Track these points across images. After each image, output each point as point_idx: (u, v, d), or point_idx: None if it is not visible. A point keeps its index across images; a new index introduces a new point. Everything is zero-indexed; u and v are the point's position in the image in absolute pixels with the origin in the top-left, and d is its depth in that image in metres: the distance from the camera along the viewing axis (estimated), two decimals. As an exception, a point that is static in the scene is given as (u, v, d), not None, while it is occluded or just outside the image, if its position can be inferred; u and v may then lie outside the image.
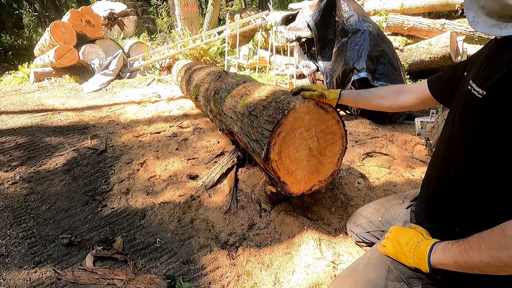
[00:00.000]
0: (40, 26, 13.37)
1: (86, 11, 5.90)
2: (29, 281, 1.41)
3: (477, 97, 0.69)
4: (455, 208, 0.82)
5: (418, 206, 1.05)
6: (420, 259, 0.80)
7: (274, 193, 1.65)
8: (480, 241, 0.65)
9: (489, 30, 0.65)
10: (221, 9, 11.09)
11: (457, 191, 0.80)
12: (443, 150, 0.89)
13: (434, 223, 0.91)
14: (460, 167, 0.79)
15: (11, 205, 2.00)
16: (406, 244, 0.86)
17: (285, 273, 1.39)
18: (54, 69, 5.93)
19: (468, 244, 0.68)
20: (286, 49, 5.07)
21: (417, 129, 2.45)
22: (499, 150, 0.65)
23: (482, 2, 0.67)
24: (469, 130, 0.73)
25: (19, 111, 3.98)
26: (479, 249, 0.64)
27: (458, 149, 0.80)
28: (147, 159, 2.44)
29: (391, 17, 4.85)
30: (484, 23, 0.67)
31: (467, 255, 0.67)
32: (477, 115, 0.70)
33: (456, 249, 0.71)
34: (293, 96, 1.38)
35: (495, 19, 0.65)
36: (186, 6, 7.21)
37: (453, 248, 0.72)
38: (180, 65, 4.12)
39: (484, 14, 0.67)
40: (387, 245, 0.93)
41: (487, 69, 0.70)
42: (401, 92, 1.20)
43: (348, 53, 3.16)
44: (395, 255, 0.89)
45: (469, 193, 0.78)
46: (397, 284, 0.88)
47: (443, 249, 0.76)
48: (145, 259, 1.53)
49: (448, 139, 0.86)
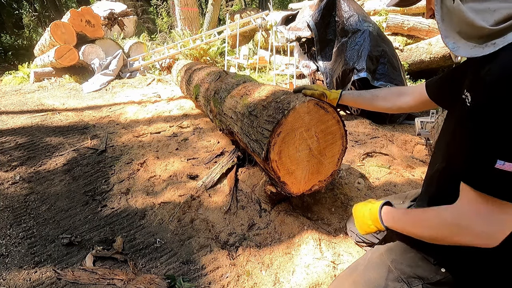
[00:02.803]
0: (40, 26, 13.37)
1: (86, 11, 5.90)
2: (29, 281, 1.41)
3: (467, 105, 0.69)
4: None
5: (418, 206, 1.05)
6: (376, 222, 0.94)
7: (274, 193, 1.65)
8: (423, 220, 0.79)
9: (472, 53, 0.66)
10: (221, 9, 11.08)
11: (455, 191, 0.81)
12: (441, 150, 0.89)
13: None
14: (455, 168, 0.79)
15: (11, 205, 2.00)
16: (362, 215, 1.00)
17: (285, 273, 1.39)
18: (54, 69, 5.93)
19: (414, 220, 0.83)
20: (286, 49, 5.07)
21: (417, 129, 2.45)
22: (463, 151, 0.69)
23: (457, 28, 0.68)
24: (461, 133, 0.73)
25: (19, 111, 3.98)
26: (422, 227, 0.79)
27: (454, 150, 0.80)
28: (147, 159, 2.44)
29: (391, 17, 4.85)
30: (464, 47, 0.67)
31: (413, 229, 0.82)
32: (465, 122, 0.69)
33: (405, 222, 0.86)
34: (294, 94, 1.38)
35: (474, 42, 0.66)
36: (186, 6, 7.21)
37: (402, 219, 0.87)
38: (180, 65, 4.12)
39: (462, 38, 0.68)
40: (355, 224, 1.05)
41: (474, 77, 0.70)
42: (401, 94, 1.20)
43: (348, 53, 3.16)
44: (363, 229, 1.01)
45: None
46: (397, 284, 0.88)
47: (394, 219, 0.90)
48: (145, 259, 1.53)
49: (444, 139, 0.87)
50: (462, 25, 0.67)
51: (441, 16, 0.71)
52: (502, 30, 0.60)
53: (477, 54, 0.65)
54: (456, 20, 0.68)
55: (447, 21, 0.70)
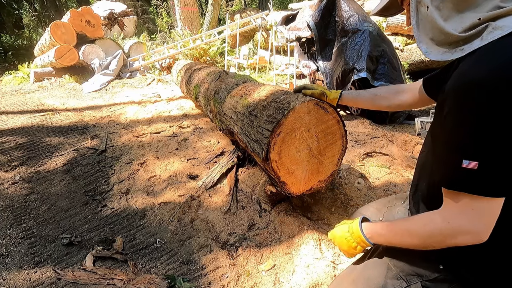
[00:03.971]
0: (40, 26, 13.36)
1: (86, 11, 5.91)
2: (29, 281, 1.41)
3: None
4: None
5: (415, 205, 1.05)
6: (360, 241, 0.92)
7: (274, 193, 1.65)
8: (410, 230, 0.80)
9: (442, 57, 0.72)
10: (221, 9, 11.09)
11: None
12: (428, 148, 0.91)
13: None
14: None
15: (11, 205, 2.00)
16: (345, 238, 0.96)
17: (285, 273, 1.39)
18: (54, 69, 5.93)
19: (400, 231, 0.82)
20: (286, 49, 5.07)
21: (417, 129, 2.45)
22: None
23: (430, 35, 0.74)
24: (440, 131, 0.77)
25: (19, 111, 3.98)
26: (410, 236, 0.79)
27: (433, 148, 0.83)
28: (147, 159, 2.44)
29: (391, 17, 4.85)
30: (436, 51, 0.74)
31: (400, 240, 0.82)
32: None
33: (389, 235, 0.85)
34: (295, 93, 1.38)
35: (445, 47, 0.72)
36: (186, 6, 7.21)
37: (386, 235, 0.87)
38: (180, 65, 4.12)
39: (434, 44, 0.74)
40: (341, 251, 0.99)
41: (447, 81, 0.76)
42: (399, 91, 1.21)
43: (348, 53, 3.16)
44: (348, 252, 0.96)
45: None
46: (396, 282, 0.88)
47: (379, 235, 0.89)
48: (145, 259, 1.53)
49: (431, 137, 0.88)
50: (434, 31, 0.73)
51: (416, 22, 0.77)
52: (469, 37, 0.66)
53: (446, 58, 0.71)
54: (429, 27, 0.74)
55: (421, 27, 0.76)
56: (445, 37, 0.70)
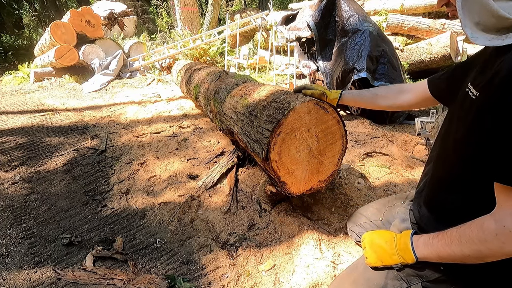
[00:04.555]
0: (40, 26, 13.37)
1: (86, 11, 5.90)
2: (29, 281, 1.41)
3: (472, 98, 0.70)
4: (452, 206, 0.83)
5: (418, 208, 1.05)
6: (405, 251, 0.83)
7: (274, 193, 1.65)
8: (461, 236, 0.70)
9: (491, 43, 0.65)
10: (221, 9, 11.08)
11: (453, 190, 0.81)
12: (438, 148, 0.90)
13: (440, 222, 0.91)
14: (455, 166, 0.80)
15: (11, 205, 2.00)
16: (385, 242, 0.89)
17: (285, 273, 1.39)
18: (54, 69, 5.93)
19: (449, 239, 0.73)
20: (286, 49, 5.07)
21: (417, 129, 2.45)
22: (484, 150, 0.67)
23: (477, 19, 0.67)
24: (464, 130, 0.74)
25: (19, 111, 3.98)
26: (460, 244, 0.70)
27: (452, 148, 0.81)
28: (147, 159, 2.44)
29: (391, 17, 4.85)
30: (483, 37, 0.67)
31: (450, 249, 0.72)
32: (470, 115, 0.71)
33: (438, 243, 0.76)
34: (295, 93, 1.38)
35: (492, 34, 0.65)
36: (186, 6, 7.21)
37: (435, 243, 0.77)
38: (180, 65, 4.12)
39: (480, 30, 0.67)
40: (368, 255, 0.92)
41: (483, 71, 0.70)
42: (401, 91, 1.20)
43: (348, 53, 3.16)
44: (379, 258, 0.89)
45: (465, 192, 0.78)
46: (397, 283, 0.88)
47: (425, 243, 0.80)
48: (145, 259, 1.53)
49: (443, 138, 0.87)
50: (482, 14, 0.65)
51: (462, 4, 0.69)
52: None
53: (496, 44, 0.64)
54: (477, 9, 0.66)
55: (467, 9, 0.68)
56: (497, 21, 0.64)
